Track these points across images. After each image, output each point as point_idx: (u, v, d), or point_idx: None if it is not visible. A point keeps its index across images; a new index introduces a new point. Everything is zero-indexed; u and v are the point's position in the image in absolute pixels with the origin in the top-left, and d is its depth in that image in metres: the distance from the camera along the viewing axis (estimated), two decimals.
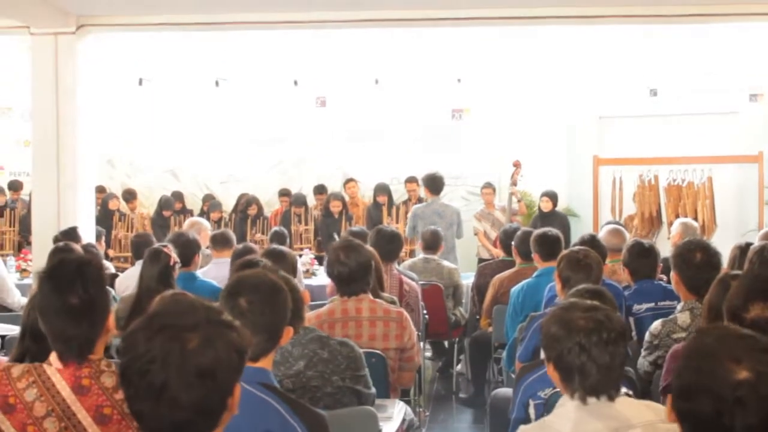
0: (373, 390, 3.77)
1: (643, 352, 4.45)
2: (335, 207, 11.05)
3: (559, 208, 11.04)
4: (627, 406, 2.63)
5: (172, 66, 12.67)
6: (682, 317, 4.31)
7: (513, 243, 6.62)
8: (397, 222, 10.67)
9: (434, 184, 9.32)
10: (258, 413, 2.50)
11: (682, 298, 4.46)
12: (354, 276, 4.40)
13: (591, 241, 5.55)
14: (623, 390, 2.98)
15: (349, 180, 11.88)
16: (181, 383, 1.73)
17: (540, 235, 5.89)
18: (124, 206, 11.92)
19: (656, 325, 4.37)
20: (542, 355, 2.79)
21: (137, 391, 1.76)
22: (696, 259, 4.40)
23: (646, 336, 4.41)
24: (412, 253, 9.51)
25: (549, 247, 5.73)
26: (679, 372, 1.88)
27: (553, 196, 10.56)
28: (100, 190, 12.11)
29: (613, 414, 2.59)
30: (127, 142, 12.88)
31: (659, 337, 4.34)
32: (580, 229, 10.28)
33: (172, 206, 11.65)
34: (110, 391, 2.55)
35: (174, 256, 5.07)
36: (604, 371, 2.59)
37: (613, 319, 2.66)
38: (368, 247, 4.77)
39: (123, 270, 7.83)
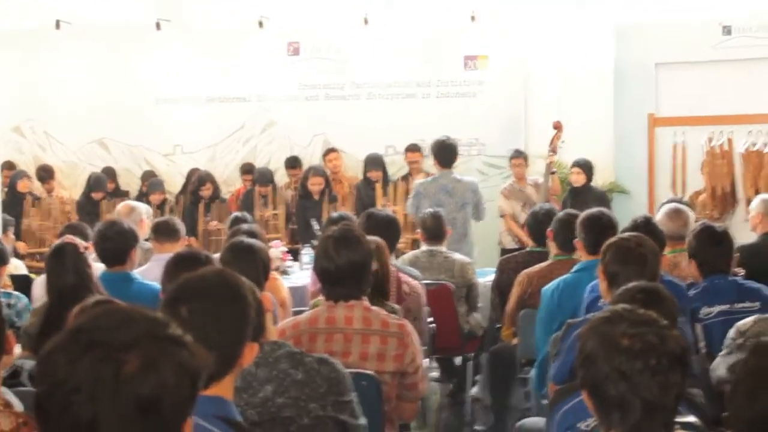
0: (363, 421, 3.77)
1: (723, 351, 4.45)
2: (315, 185, 11.03)
3: (604, 181, 11.04)
4: None
5: (98, 3, 12.61)
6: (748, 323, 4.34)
7: (550, 227, 6.61)
8: (394, 204, 10.67)
9: (445, 153, 9.32)
10: None
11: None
12: (342, 277, 4.40)
13: (645, 226, 5.55)
14: (688, 418, 3.00)
15: (331, 150, 11.88)
16: (116, 418, 1.72)
17: (589, 217, 5.86)
18: (38, 187, 11.90)
19: (748, 320, 4.40)
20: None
21: (59, 429, 1.74)
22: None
23: (731, 332, 4.43)
24: (414, 244, 9.51)
25: (600, 234, 5.61)
26: (745, 398, 1.88)
27: (586, 167, 10.54)
28: (8, 166, 12.12)
29: None
30: (40, 104, 12.83)
31: (746, 336, 4.34)
32: (630, 210, 10.23)
33: (104, 186, 11.65)
34: None
35: (80, 241, 5.09)
36: (651, 408, 2.59)
37: (669, 340, 2.65)
38: (375, 239, 4.72)
39: (39, 271, 7.81)
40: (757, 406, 1.81)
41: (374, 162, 11.49)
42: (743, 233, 7.82)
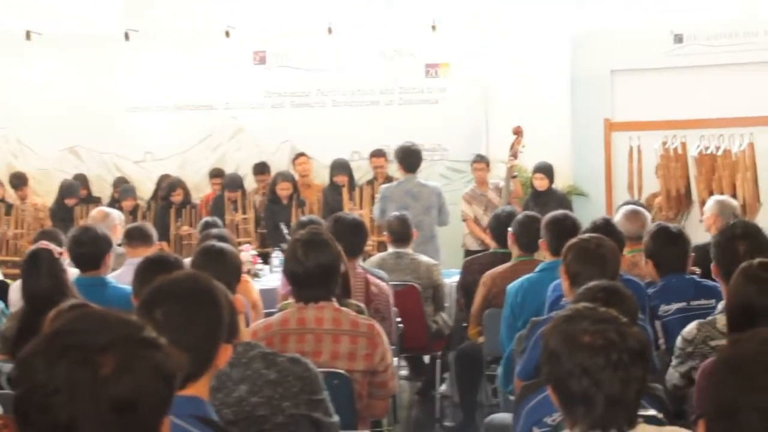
0: (336, 418, 3.77)
1: (673, 361, 4.49)
2: (283, 190, 10.99)
3: (563, 185, 11.08)
4: None
5: (68, 14, 12.53)
6: (723, 320, 4.34)
7: (510, 229, 6.63)
8: (360, 208, 10.67)
9: (409, 158, 9.35)
10: None
11: (724, 295, 4.49)
12: (312, 279, 4.41)
13: (605, 227, 5.57)
14: (650, 412, 3.01)
15: (300, 155, 11.85)
16: (94, 419, 1.71)
17: (553, 219, 5.89)
18: (11, 195, 11.80)
19: (691, 328, 4.41)
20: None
21: (38, 430, 1.73)
22: (739, 251, 4.44)
23: (678, 341, 4.45)
24: (381, 247, 9.51)
25: (564, 236, 5.61)
26: (714, 388, 1.89)
27: (548, 171, 10.59)
28: None
29: None
30: (12, 112, 12.72)
31: (694, 344, 4.37)
32: (589, 212, 10.29)
33: (76, 192, 11.57)
34: None
35: (54, 247, 5.06)
36: (614, 402, 2.61)
37: (628, 337, 2.67)
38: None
39: (14, 277, 7.74)
40: (725, 395, 1.83)
41: (340, 167, 11.47)
42: (698, 233, 7.86)
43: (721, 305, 4.48)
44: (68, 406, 1.71)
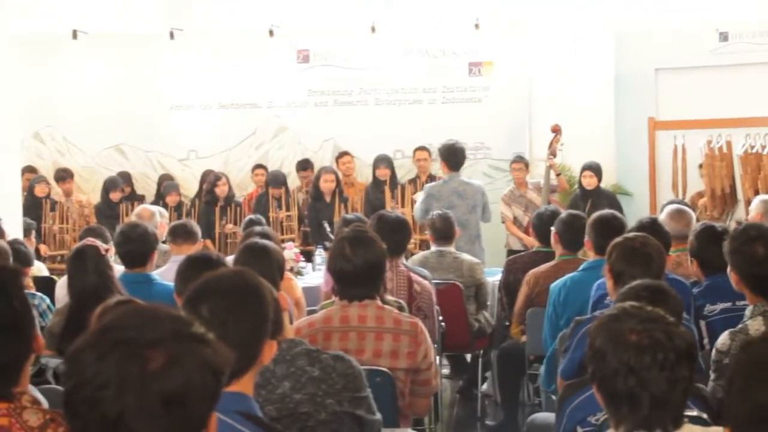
0: (379, 416, 3.77)
1: (711, 375, 4.42)
2: (327, 182, 10.99)
3: (606, 184, 11.01)
4: None
5: (114, 14, 12.63)
6: (755, 325, 4.27)
7: (554, 228, 6.60)
8: (402, 206, 10.66)
9: (454, 156, 9.35)
10: None
11: (749, 300, 4.44)
12: (360, 277, 4.42)
13: (651, 226, 5.52)
14: (695, 412, 2.99)
15: (343, 154, 11.85)
16: (143, 414, 1.72)
17: (601, 219, 5.84)
18: (57, 192, 11.91)
19: (724, 338, 4.28)
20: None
21: (86, 424, 1.74)
22: (758, 254, 4.38)
23: (713, 354, 4.37)
24: (423, 245, 9.50)
25: (610, 237, 5.57)
26: (738, 396, 1.86)
27: (597, 170, 10.55)
28: (29, 170, 12.13)
29: None
30: (59, 111, 12.85)
31: (728, 354, 4.28)
32: (633, 212, 10.26)
33: (119, 185, 11.64)
34: (36, 431, 2.54)
35: (101, 244, 5.09)
36: (659, 402, 2.59)
37: (675, 337, 2.65)
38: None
39: (60, 273, 7.82)
40: (752, 400, 1.80)
41: (383, 160, 11.48)
42: None
43: (749, 311, 4.41)
44: (117, 401, 1.71)
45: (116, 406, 1.71)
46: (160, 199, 11.69)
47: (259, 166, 12.13)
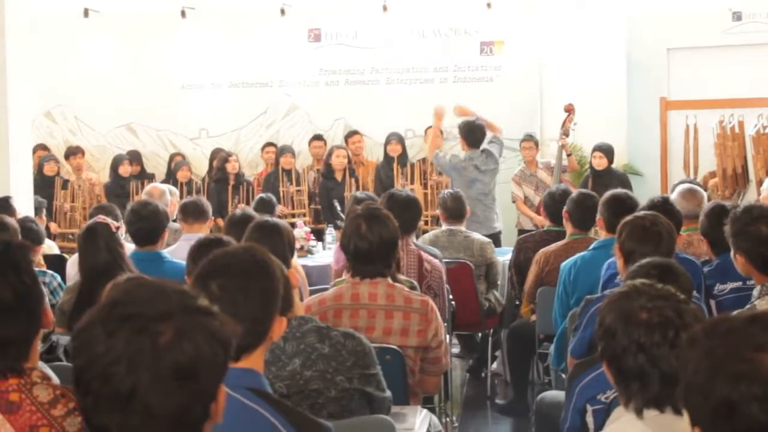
0: (388, 393, 3.78)
1: None
2: (339, 159, 11.02)
3: (619, 164, 10.99)
4: None
5: None
6: (763, 305, 4.25)
7: (565, 207, 6.59)
8: (412, 183, 10.68)
9: (473, 133, 9.48)
10: (246, 427, 2.50)
11: (756, 281, 4.42)
12: (374, 254, 4.41)
13: (663, 205, 5.50)
14: None
15: (353, 133, 11.85)
16: (156, 387, 1.72)
17: (614, 197, 5.83)
18: (68, 171, 11.93)
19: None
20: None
21: (98, 401, 1.75)
22: (763, 233, 4.35)
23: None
24: (437, 222, 9.59)
25: (624, 214, 5.55)
26: (702, 392, 1.83)
27: (608, 151, 10.52)
28: (42, 148, 12.16)
29: (684, 429, 2.57)
30: (70, 90, 12.86)
31: None
32: (644, 192, 10.21)
33: (124, 159, 11.65)
34: (46, 407, 2.55)
35: (111, 221, 5.10)
36: (669, 379, 2.58)
37: (686, 314, 2.66)
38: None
39: (71, 251, 7.84)
40: (715, 397, 1.77)
41: (394, 135, 11.51)
42: None
43: (756, 291, 4.39)
44: (129, 376, 1.72)
45: (129, 381, 1.72)
46: (170, 177, 11.70)
47: (270, 144, 12.14)
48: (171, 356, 1.74)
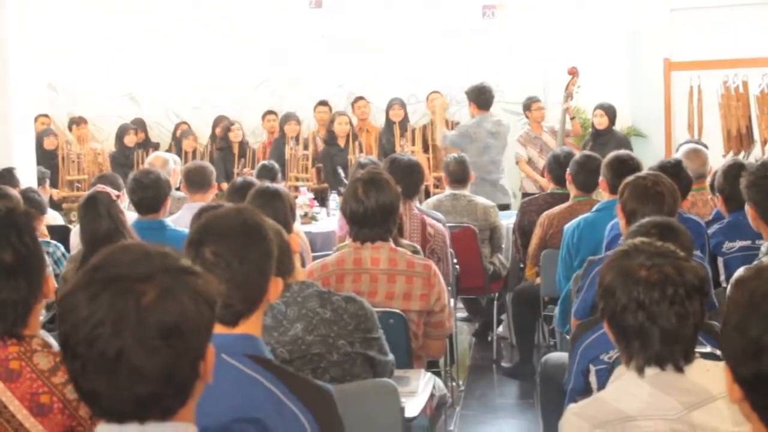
0: (391, 357, 3.77)
1: None
2: (341, 126, 11.01)
3: (623, 126, 10.96)
4: (703, 372, 2.62)
5: None
6: None
7: (568, 170, 6.56)
8: (413, 144, 10.68)
9: (482, 95, 9.42)
10: (244, 395, 2.48)
11: (765, 237, 4.41)
12: (371, 219, 4.41)
13: (673, 168, 5.44)
14: (707, 349, 2.97)
15: (359, 98, 11.84)
16: (142, 348, 1.71)
17: (617, 158, 5.80)
18: (71, 140, 11.91)
19: (738, 275, 4.28)
20: None
21: (85, 365, 1.74)
22: None
23: (728, 290, 4.35)
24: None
25: (627, 175, 5.56)
26: (735, 331, 1.83)
27: (609, 110, 10.49)
28: (44, 116, 12.15)
29: (686, 386, 2.58)
30: (71, 60, 12.83)
31: None
32: (648, 153, 10.19)
33: (130, 128, 11.68)
34: (46, 374, 2.55)
35: (111, 190, 5.08)
36: (670, 337, 2.59)
37: (686, 271, 2.64)
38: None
39: (75, 214, 7.82)
40: (747, 335, 1.77)
41: (397, 100, 11.55)
42: None
43: (764, 247, 4.37)
44: (114, 337, 1.71)
45: (114, 342, 1.71)
46: (176, 143, 11.70)
47: (270, 112, 12.12)
48: (155, 316, 1.73)
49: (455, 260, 6.54)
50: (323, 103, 11.95)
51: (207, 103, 12.72)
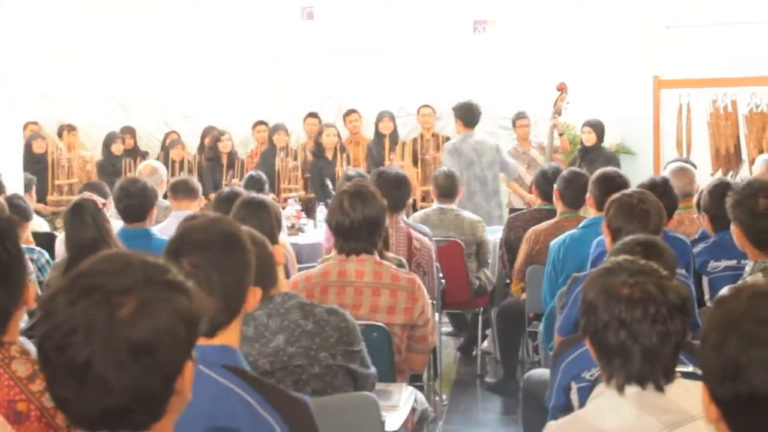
0: (373, 370, 3.77)
1: None
2: (329, 138, 10.98)
3: (611, 143, 10.98)
4: (683, 392, 2.61)
5: None
6: (754, 280, 4.24)
7: (556, 186, 6.56)
8: (402, 159, 10.67)
9: (470, 113, 9.39)
10: (221, 406, 2.46)
11: (750, 257, 4.40)
12: (357, 231, 4.41)
13: (662, 186, 5.44)
14: (689, 368, 2.96)
15: (351, 111, 11.81)
16: (109, 360, 1.70)
17: (604, 175, 5.77)
18: (61, 147, 11.88)
19: (721, 294, 4.28)
20: None
21: (56, 371, 1.73)
22: (760, 206, 4.32)
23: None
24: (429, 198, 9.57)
25: (613, 191, 5.53)
26: (713, 351, 1.83)
27: (597, 127, 10.49)
28: (34, 123, 12.12)
29: (666, 406, 2.58)
30: (63, 68, 12.82)
31: None
32: (637, 171, 10.18)
33: (116, 137, 11.66)
34: (24, 381, 2.53)
35: (98, 198, 5.07)
36: (651, 355, 2.59)
37: (668, 290, 2.64)
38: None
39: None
40: (724, 356, 1.77)
41: (386, 113, 11.54)
42: None
43: (749, 267, 4.37)
44: (85, 346, 1.70)
45: (84, 351, 1.70)
46: (165, 153, 11.70)
47: (260, 122, 12.10)
48: (127, 331, 1.71)
49: (441, 274, 6.54)
50: (313, 114, 11.96)
51: (198, 113, 12.69)
